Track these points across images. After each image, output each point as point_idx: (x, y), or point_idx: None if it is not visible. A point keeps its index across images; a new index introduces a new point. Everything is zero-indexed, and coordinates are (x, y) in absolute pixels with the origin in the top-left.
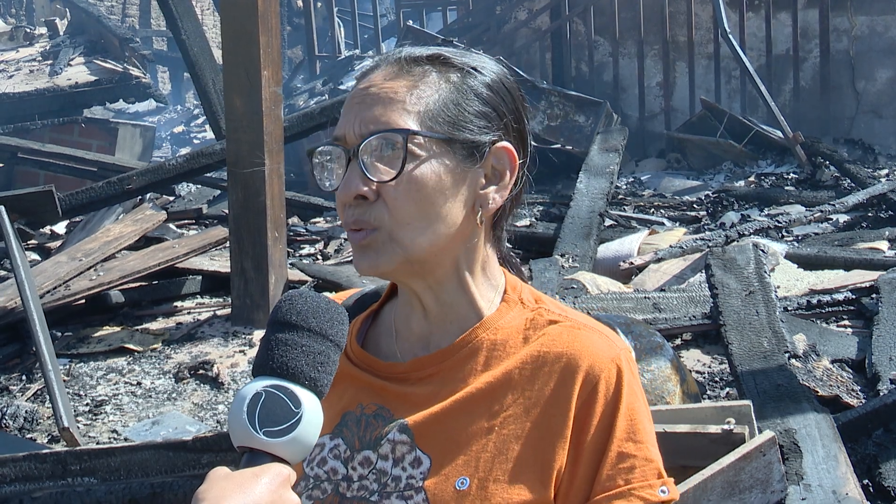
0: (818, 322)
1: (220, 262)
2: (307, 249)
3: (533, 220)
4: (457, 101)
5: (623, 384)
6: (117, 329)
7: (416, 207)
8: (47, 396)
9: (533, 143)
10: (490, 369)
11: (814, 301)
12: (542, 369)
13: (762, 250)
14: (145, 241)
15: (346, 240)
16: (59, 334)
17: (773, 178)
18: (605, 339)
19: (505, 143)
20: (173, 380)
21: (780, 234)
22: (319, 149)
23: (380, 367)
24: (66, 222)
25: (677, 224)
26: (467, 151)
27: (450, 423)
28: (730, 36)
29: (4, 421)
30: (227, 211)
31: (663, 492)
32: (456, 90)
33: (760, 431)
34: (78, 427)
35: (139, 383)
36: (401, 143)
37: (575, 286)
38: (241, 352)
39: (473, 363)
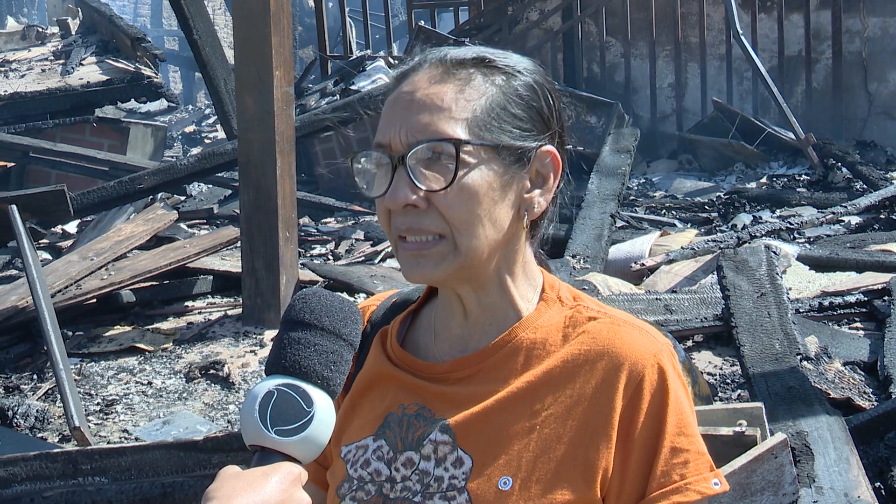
0: (830, 324)
1: (231, 262)
2: (318, 249)
3: None
4: (503, 106)
5: (668, 379)
6: (128, 328)
7: (470, 214)
8: (58, 396)
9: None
10: (530, 369)
11: (826, 303)
12: (583, 367)
13: (774, 252)
14: (156, 241)
15: (357, 240)
16: (71, 333)
17: (785, 179)
18: (645, 334)
19: (549, 147)
20: (184, 379)
21: (791, 236)
22: (362, 155)
23: (420, 368)
24: (77, 222)
25: (689, 225)
26: (515, 157)
27: (491, 422)
28: (742, 37)
29: (15, 420)
30: (238, 211)
31: (716, 484)
32: (502, 94)
33: (772, 434)
34: (89, 426)
35: (150, 383)
36: (452, 153)
37: (586, 287)
38: (251, 352)
39: (513, 363)
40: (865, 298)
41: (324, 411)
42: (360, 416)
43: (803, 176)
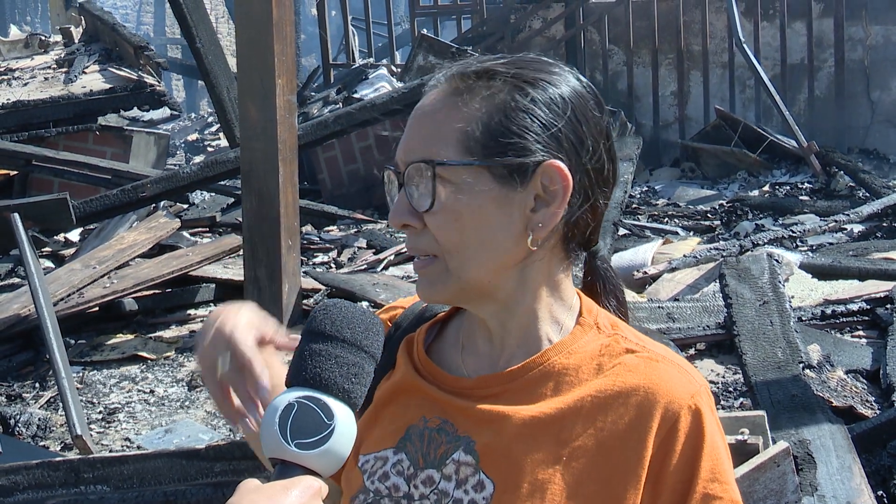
0: (832, 332)
1: (233, 271)
2: (321, 258)
3: None
4: (500, 121)
5: (705, 422)
6: (131, 337)
7: (459, 236)
8: (60, 404)
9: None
10: (560, 395)
11: (828, 311)
12: (616, 401)
13: (776, 260)
14: (159, 249)
15: (359, 248)
16: (73, 342)
17: (788, 187)
18: (684, 373)
19: (554, 161)
20: (186, 388)
21: (794, 244)
22: (385, 173)
23: (445, 380)
24: (80, 230)
25: (691, 233)
26: (509, 174)
27: (516, 448)
28: (744, 45)
29: (18, 428)
30: (240, 219)
31: None
32: (500, 108)
33: (774, 442)
34: (91, 435)
35: (152, 391)
36: (430, 174)
37: None
38: None
39: (543, 387)
40: (868, 307)
41: (344, 424)
42: (381, 426)
43: (806, 184)
